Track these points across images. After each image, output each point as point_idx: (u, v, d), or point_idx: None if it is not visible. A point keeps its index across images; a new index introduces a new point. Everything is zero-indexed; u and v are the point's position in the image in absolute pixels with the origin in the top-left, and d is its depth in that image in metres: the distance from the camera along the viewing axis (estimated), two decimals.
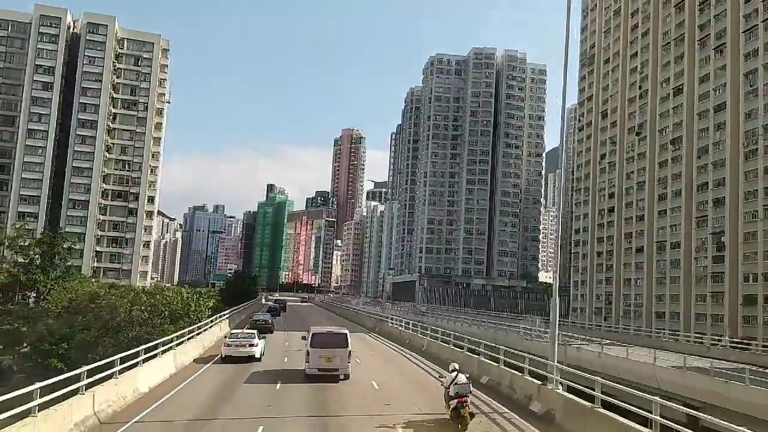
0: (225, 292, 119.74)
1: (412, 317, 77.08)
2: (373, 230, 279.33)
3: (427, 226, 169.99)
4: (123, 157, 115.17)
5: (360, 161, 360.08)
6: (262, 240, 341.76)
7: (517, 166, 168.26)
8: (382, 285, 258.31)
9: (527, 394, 20.72)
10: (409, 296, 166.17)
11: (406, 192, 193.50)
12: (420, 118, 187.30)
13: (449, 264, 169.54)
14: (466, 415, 16.24)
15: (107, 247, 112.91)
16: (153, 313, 46.76)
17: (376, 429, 16.78)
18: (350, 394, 22.01)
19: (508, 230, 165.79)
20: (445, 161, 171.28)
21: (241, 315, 68.26)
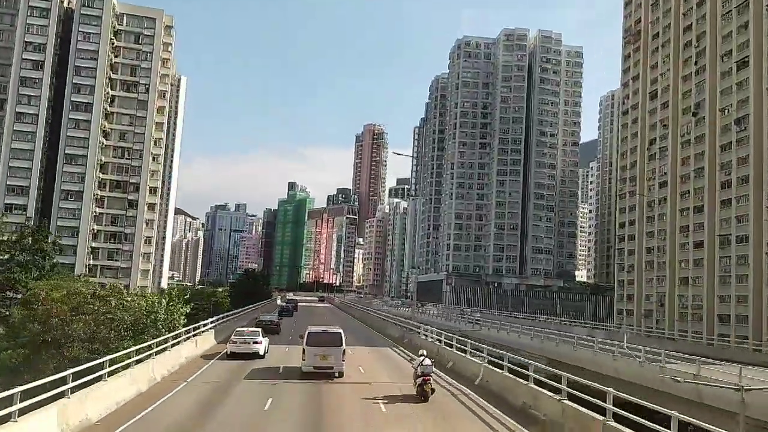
0: (234, 293, 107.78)
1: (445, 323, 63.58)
2: (396, 228, 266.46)
3: (454, 221, 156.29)
4: (122, 144, 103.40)
5: (382, 158, 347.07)
6: (282, 238, 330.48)
7: (553, 156, 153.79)
8: (405, 285, 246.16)
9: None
10: (435, 296, 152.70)
11: (431, 186, 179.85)
12: (446, 107, 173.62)
13: (479, 262, 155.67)
14: (428, 390, 21.56)
15: (105, 243, 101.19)
16: (105, 324, 34.06)
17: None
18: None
19: (543, 225, 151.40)
20: (474, 151, 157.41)
21: (242, 322, 56.07)
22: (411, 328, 47.84)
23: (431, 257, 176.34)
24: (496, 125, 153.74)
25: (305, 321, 62.23)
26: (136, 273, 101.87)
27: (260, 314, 60.28)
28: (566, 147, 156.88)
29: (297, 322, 60.51)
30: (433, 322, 62.39)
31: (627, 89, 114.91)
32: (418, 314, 70.07)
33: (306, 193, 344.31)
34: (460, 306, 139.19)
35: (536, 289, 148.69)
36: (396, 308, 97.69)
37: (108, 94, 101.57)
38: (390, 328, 55.14)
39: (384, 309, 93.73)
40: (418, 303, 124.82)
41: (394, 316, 65.32)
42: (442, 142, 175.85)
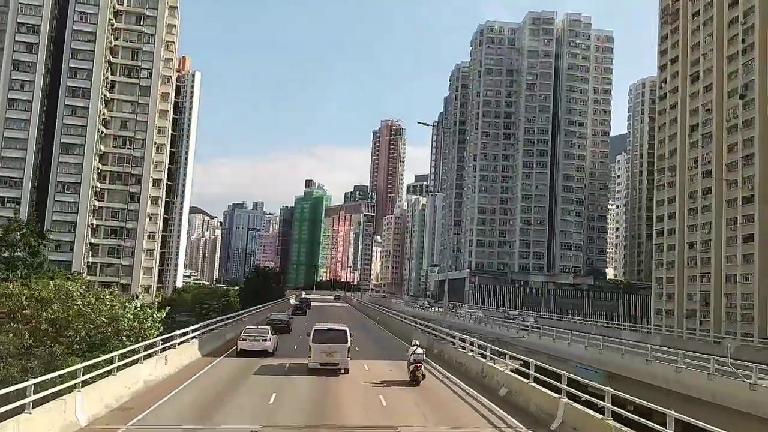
0: (245, 292, 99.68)
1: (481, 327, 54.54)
2: (415, 225, 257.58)
3: (477, 216, 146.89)
4: (123, 133, 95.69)
5: (400, 154, 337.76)
6: (299, 236, 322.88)
7: (582, 146, 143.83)
8: (425, 283, 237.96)
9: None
10: (458, 295, 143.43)
11: (452, 180, 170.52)
12: (468, 97, 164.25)
13: (503, 259, 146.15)
14: (419, 375, 24.61)
15: (105, 239, 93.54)
16: (48, 336, 25.69)
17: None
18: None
19: (572, 220, 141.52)
20: (498, 142, 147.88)
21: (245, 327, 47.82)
22: (441, 335, 39.03)
23: (453, 254, 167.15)
24: (521, 114, 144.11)
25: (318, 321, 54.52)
26: (138, 271, 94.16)
27: (271, 314, 58.00)
28: (596, 137, 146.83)
29: (310, 323, 52.57)
30: (467, 327, 53.27)
31: (664, 72, 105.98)
32: (449, 317, 61.28)
33: (323, 191, 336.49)
34: (486, 306, 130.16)
35: (565, 288, 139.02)
36: (423, 309, 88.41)
37: (107, 79, 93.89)
38: (414, 334, 46.21)
39: (406, 310, 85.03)
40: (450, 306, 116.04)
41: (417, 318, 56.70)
42: (464, 134, 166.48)
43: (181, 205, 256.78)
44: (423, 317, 60.10)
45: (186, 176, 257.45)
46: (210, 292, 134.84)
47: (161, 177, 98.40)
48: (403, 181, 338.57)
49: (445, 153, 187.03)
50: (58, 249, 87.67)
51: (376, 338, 48.18)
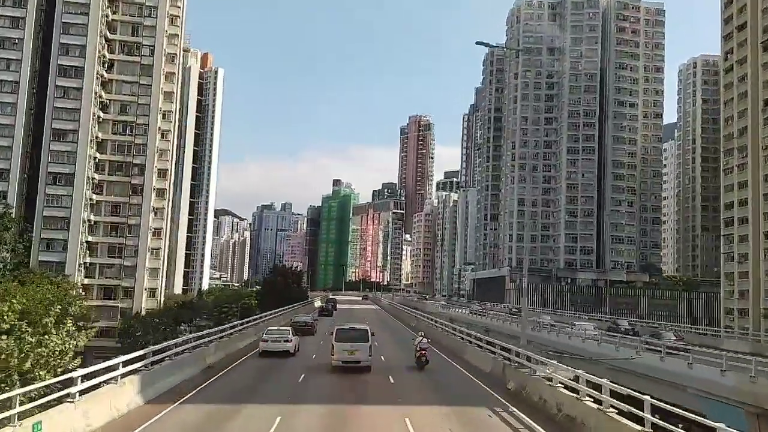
0: (263, 294, 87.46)
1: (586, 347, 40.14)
2: (446, 222, 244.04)
3: (517, 208, 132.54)
4: (123, 118, 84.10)
5: (429, 150, 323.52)
6: (327, 236, 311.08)
7: (632, 129, 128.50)
8: (457, 282, 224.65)
9: None
10: (496, 295, 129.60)
11: (486, 171, 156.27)
12: (504, 82, 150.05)
13: (547, 254, 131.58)
14: (423, 360, 28.40)
15: (104, 237, 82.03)
16: None
17: None
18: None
19: (623, 210, 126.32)
20: (539, 128, 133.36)
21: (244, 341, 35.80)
22: (518, 359, 25.61)
23: (489, 251, 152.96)
24: (565, 96, 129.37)
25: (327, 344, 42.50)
26: (142, 272, 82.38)
27: (295, 316, 54.80)
28: (647, 119, 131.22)
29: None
30: (558, 344, 39.25)
31: (729, 42, 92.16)
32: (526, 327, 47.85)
33: (350, 190, 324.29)
34: (531, 306, 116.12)
35: (617, 285, 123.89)
36: (473, 313, 74.48)
37: (104, 57, 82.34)
38: (470, 353, 32.99)
39: (455, 316, 71.93)
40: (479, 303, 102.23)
41: (471, 326, 43.52)
42: (499, 121, 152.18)
43: (206, 205, 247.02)
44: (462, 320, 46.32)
45: (210, 176, 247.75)
46: (233, 294, 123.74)
47: (167, 167, 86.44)
48: (432, 178, 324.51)
49: (479, 143, 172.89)
50: (50, 248, 76.52)
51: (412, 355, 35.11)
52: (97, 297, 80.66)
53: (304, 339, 38.53)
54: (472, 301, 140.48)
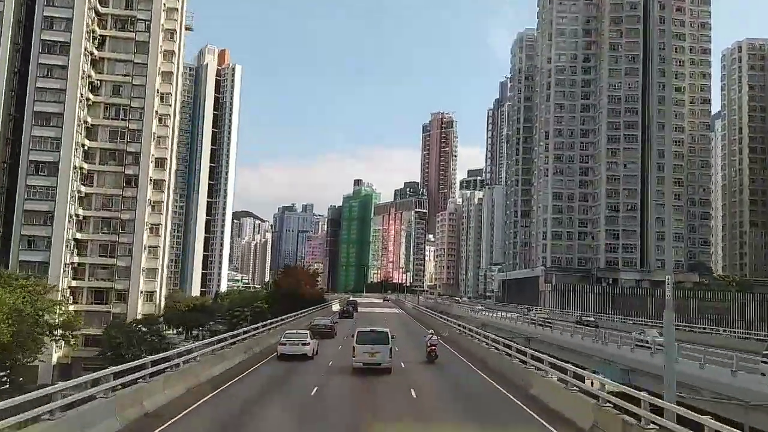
0: (271, 297, 77.21)
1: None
2: (471, 221, 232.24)
3: (551, 203, 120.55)
4: (116, 100, 74.34)
5: (452, 148, 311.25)
6: (348, 236, 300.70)
7: (679, 116, 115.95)
8: (483, 283, 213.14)
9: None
10: (529, 297, 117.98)
11: (516, 165, 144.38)
12: (534, 69, 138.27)
13: (585, 253, 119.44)
14: (433, 355, 30.48)
15: (94, 234, 72.29)
16: None
17: None
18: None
19: (671, 205, 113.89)
20: (574, 115, 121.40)
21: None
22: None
23: (520, 250, 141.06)
24: (604, 80, 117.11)
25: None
26: (137, 273, 72.40)
27: (314, 319, 52.44)
28: (694, 105, 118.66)
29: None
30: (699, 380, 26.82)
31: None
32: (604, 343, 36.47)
33: (371, 189, 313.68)
34: (566, 309, 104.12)
35: (664, 286, 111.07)
36: (519, 322, 62.64)
37: (95, 33, 72.65)
38: (538, 385, 21.83)
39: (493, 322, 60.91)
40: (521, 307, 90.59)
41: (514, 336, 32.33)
42: (530, 111, 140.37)
43: (223, 205, 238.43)
44: (510, 329, 34.97)
45: (228, 175, 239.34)
46: (251, 296, 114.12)
47: (165, 155, 76.44)
48: (455, 177, 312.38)
49: (507, 135, 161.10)
50: (32, 246, 66.93)
51: (462, 391, 23.96)
52: (87, 301, 71.02)
53: (323, 342, 36.34)
54: (503, 303, 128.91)
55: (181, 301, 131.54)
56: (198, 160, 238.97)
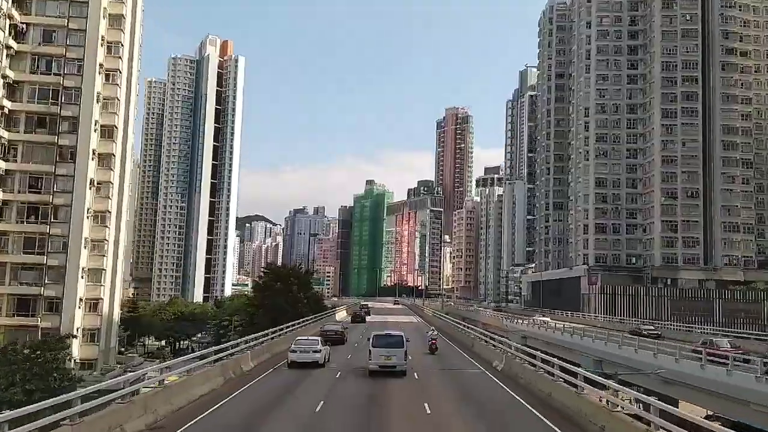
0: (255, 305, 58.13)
1: None
2: (490, 219, 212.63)
3: (593, 191, 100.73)
4: (47, 50, 55.88)
5: (467, 144, 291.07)
6: (360, 238, 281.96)
7: (746, 84, 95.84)
8: (505, 286, 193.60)
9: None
10: (567, 301, 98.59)
11: (546, 151, 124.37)
12: (568, 41, 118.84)
13: (635, 249, 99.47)
14: (434, 348, 35.05)
15: (18, 224, 53.77)
16: None
17: None
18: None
19: (738, 190, 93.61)
20: (619, 88, 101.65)
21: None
22: None
23: (554, 248, 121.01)
24: (656, 44, 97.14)
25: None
26: (75, 275, 53.66)
27: (325, 324, 46.30)
28: (760, 74, 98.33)
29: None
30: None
31: None
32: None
33: (383, 188, 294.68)
34: (615, 315, 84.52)
35: (731, 287, 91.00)
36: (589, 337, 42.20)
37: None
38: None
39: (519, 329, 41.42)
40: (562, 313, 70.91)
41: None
42: (562, 90, 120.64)
43: (227, 206, 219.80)
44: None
45: (232, 174, 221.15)
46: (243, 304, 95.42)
47: (114, 122, 57.75)
48: (471, 175, 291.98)
49: (538, 118, 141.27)
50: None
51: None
52: (6, 313, 52.54)
53: (335, 348, 33.97)
54: (534, 308, 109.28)
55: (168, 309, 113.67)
56: (200, 158, 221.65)
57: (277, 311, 50.51)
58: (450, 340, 44.66)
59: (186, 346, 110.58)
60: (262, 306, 52.93)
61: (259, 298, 54.20)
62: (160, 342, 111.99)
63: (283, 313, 49.10)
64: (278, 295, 52.40)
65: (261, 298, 53.72)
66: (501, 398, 21.05)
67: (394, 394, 21.21)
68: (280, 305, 51.23)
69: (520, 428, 17.02)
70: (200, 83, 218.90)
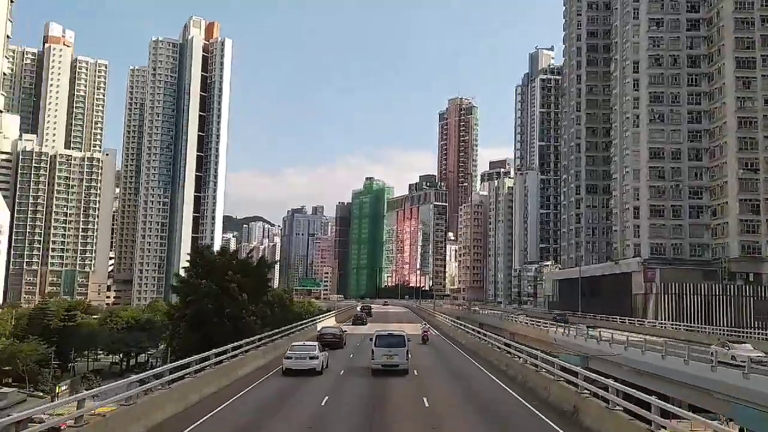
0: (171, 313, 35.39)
1: None
2: (500, 213, 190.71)
3: (647, 164, 78.49)
4: None
5: (472, 137, 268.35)
6: (359, 236, 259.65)
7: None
8: (517, 286, 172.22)
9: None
10: (611, 302, 76.60)
11: (576, 123, 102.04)
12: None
13: (701, 236, 77.19)
14: (426, 338, 41.01)
15: None
16: None
17: None
18: None
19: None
20: (678, 35, 79.53)
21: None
22: None
23: (588, 238, 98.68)
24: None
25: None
26: None
27: (322, 327, 41.89)
28: None
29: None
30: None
31: None
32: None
33: (383, 184, 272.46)
34: (683, 321, 62.38)
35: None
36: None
37: None
38: None
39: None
40: (609, 318, 48.14)
41: None
42: (595, 51, 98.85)
43: (213, 200, 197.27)
44: None
45: (219, 165, 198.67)
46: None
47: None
48: (476, 169, 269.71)
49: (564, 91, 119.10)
50: None
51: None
52: None
53: (333, 353, 30.22)
54: (559, 312, 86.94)
55: (120, 316, 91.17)
56: (183, 149, 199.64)
57: (209, 326, 28.56)
58: (489, 370, 23.42)
59: (145, 360, 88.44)
60: (182, 318, 30.69)
61: (182, 306, 31.91)
62: (114, 357, 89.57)
63: (217, 329, 27.22)
64: (209, 300, 30.13)
65: (184, 304, 31.42)
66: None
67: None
68: (209, 315, 29.00)
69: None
70: (184, 68, 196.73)
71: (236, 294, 30.62)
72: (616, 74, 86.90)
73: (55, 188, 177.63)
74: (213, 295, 30.09)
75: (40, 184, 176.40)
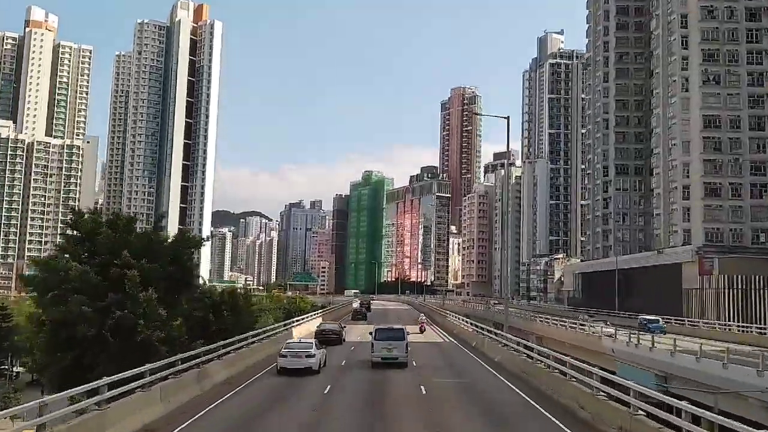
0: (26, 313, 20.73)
1: None
2: (507, 204, 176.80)
3: (700, 134, 64.89)
4: None
5: (475, 127, 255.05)
6: (357, 229, 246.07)
7: None
8: (526, 281, 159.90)
9: None
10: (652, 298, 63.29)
11: (604, 95, 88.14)
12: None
13: (763, 220, 63.78)
14: (422, 328, 45.01)
15: None
16: None
17: None
18: None
19: None
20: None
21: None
22: None
23: (619, 226, 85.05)
24: None
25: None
26: None
27: (321, 323, 41.39)
28: None
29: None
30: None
31: None
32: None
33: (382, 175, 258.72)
34: (754, 322, 48.92)
35: None
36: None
37: None
38: None
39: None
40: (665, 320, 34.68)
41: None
42: (626, 14, 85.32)
43: (201, 190, 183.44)
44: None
45: (207, 154, 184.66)
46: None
47: None
48: (480, 160, 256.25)
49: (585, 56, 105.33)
50: None
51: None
52: None
53: (331, 350, 29.59)
54: (584, 309, 73.57)
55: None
56: (170, 137, 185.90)
57: (83, 342, 14.96)
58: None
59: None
60: (44, 323, 17.01)
61: (39, 307, 18.28)
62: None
63: (97, 347, 13.56)
64: (83, 298, 16.46)
65: (42, 305, 17.76)
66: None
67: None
68: (81, 326, 15.20)
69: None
70: (171, 52, 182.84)
71: (135, 289, 17.07)
72: (657, 32, 73.17)
73: (32, 177, 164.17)
74: (90, 291, 16.52)
75: (15, 173, 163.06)
